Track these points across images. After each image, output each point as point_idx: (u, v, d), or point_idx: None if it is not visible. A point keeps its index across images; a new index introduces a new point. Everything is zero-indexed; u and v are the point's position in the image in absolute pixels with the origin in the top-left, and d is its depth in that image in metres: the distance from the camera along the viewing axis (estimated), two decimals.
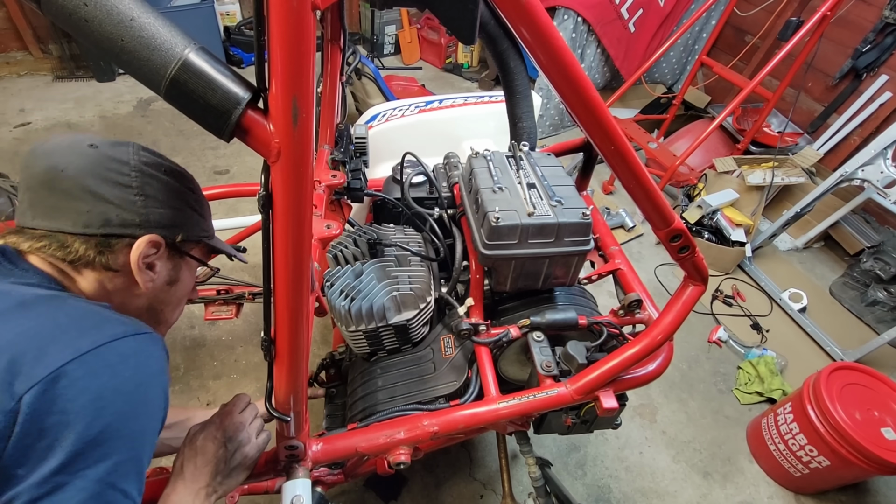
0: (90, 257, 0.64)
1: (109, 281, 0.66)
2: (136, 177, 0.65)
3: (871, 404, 1.64)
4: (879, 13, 2.69)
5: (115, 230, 0.64)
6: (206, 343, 2.04)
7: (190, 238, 0.73)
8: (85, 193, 0.62)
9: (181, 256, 0.74)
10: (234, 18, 4.07)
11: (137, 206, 0.65)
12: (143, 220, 0.66)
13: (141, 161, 0.67)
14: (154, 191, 0.67)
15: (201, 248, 0.79)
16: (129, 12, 0.43)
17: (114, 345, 0.56)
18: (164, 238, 0.68)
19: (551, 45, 0.60)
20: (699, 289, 0.95)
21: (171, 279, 0.74)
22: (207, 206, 0.80)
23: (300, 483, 0.86)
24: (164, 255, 0.70)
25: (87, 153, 0.64)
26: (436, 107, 1.83)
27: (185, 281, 0.77)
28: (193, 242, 0.76)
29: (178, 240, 0.71)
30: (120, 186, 0.64)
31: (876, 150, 2.18)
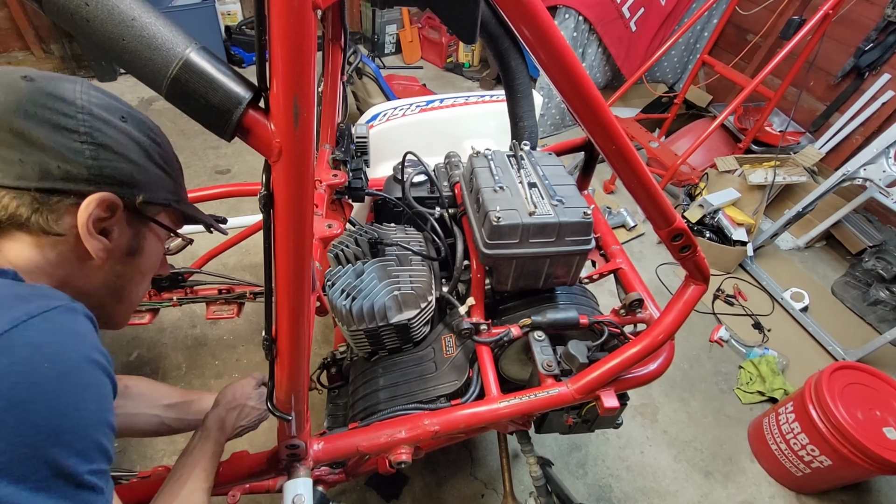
0: (23, 216, 0.51)
1: (51, 248, 0.54)
2: (83, 119, 0.53)
3: (873, 404, 1.63)
4: (882, 12, 2.68)
5: (57, 185, 0.51)
6: (207, 342, 2.05)
7: (154, 200, 0.61)
8: (16, 138, 0.50)
9: (145, 223, 0.62)
10: (235, 18, 4.08)
11: (86, 157, 0.53)
12: (92, 175, 0.53)
13: (91, 101, 0.54)
14: (108, 139, 0.55)
15: (170, 213, 0.66)
16: (130, 12, 0.43)
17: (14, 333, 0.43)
18: (121, 198, 0.56)
19: (552, 44, 0.60)
20: (700, 288, 0.95)
21: (132, 249, 0.62)
22: (178, 165, 0.68)
23: (301, 482, 0.86)
24: (123, 220, 0.58)
25: (20, 87, 0.51)
26: (437, 106, 1.83)
27: (150, 252, 0.65)
28: (159, 206, 0.63)
29: (138, 202, 0.58)
30: (62, 130, 0.52)
31: (878, 149, 2.18)
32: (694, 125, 3.29)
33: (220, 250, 1.71)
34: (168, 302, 1.63)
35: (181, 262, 2.25)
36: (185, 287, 1.64)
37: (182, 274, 1.60)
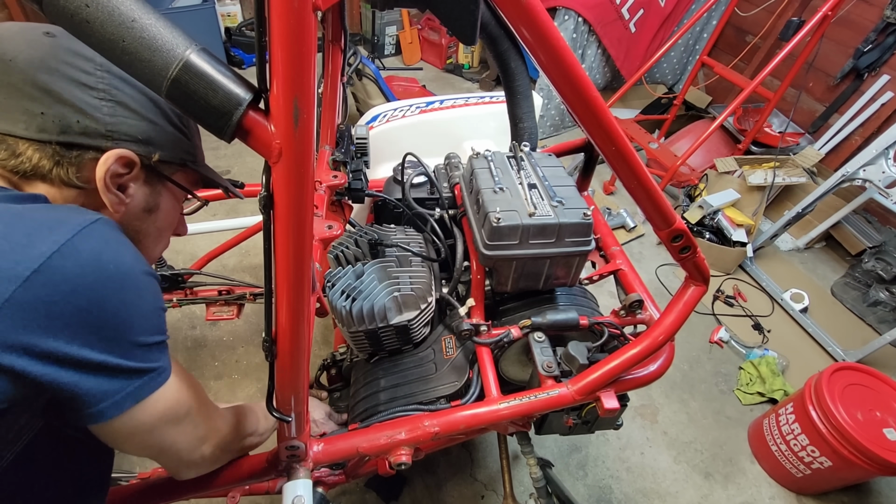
0: (45, 168, 0.54)
1: (72, 201, 0.57)
2: (102, 76, 0.55)
3: (873, 405, 1.63)
4: (881, 13, 2.69)
5: (77, 139, 0.54)
6: (207, 343, 2.04)
7: (171, 159, 0.63)
8: (38, 91, 0.52)
9: (161, 181, 0.65)
10: (234, 19, 4.08)
11: (104, 113, 0.55)
12: (110, 131, 0.56)
13: None
14: (125, 97, 0.57)
15: (187, 173, 0.69)
16: (130, 13, 0.43)
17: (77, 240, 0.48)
18: (138, 155, 0.58)
19: (552, 45, 0.60)
20: (700, 289, 0.95)
21: (149, 206, 0.64)
22: (195, 128, 0.68)
23: (301, 483, 0.86)
24: (140, 178, 0.61)
25: (42, 42, 0.53)
26: (437, 107, 1.83)
27: (167, 210, 0.68)
28: (176, 165, 0.65)
29: (154, 159, 0.61)
30: (82, 87, 0.54)
31: (877, 150, 2.18)
32: (693, 126, 3.29)
33: (219, 251, 1.71)
34: (168, 303, 1.63)
35: (181, 263, 2.25)
36: (185, 288, 1.63)
37: (182, 275, 1.60)
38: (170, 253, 2.28)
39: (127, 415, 0.54)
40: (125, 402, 0.53)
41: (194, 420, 0.67)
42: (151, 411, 0.57)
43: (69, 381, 0.48)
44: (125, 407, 0.53)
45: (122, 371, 0.52)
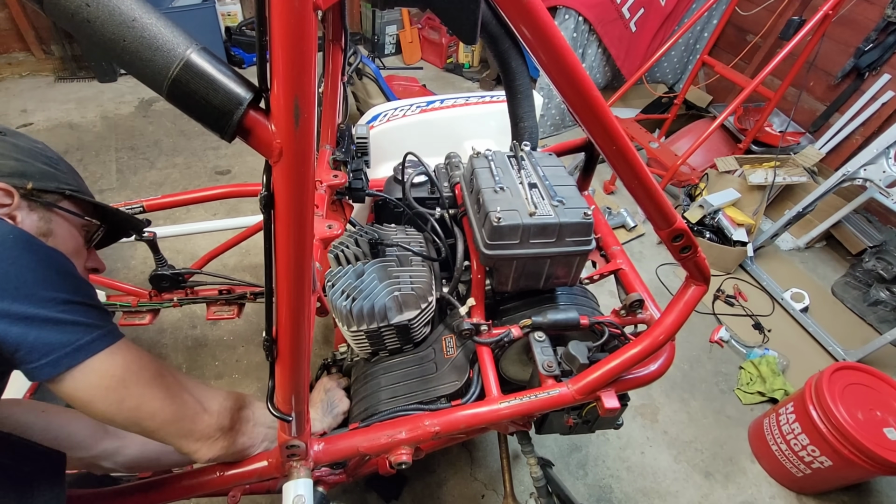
0: None
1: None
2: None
3: (874, 404, 1.63)
4: (881, 12, 2.68)
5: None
6: (207, 343, 2.05)
7: (46, 188, 0.73)
8: None
9: (47, 209, 0.74)
10: (235, 19, 4.08)
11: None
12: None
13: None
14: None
15: (73, 202, 0.79)
16: (131, 13, 0.43)
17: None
18: (14, 187, 0.69)
19: (553, 44, 0.60)
20: (701, 289, 0.95)
21: (41, 231, 0.72)
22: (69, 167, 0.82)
23: (302, 483, 0.86)
24: (24, 207, 0.70)
25: None
26: (437, 107, 1.83)
27: (62, 235, 0.76)
28: (56, 194, 0.75)
29: (29, 187, 0.71)
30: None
31: (878, 149, 2.18)
32: (694, 125, 3.29)
33: (220, 251, 1.71)
34: (168, 303, 1.63)
35: (181, 262, 2.25)
36: (186, 288, 1.63)
37: (182, 274, 1.60)
38: (170, 252, 2.28)
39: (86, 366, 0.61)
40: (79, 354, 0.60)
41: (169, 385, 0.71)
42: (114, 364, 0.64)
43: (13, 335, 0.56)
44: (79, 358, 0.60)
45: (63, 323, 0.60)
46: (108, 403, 0.64)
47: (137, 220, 0.92)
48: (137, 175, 2.85)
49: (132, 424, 0.68)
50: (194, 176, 2.91)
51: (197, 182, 2.87)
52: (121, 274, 2.26)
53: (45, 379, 0.60)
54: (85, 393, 0.62)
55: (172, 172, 2.91)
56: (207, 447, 0.78)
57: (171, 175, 2.89)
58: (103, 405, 0.64)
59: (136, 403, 0.66)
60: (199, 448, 0.77)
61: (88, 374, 0.61)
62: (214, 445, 0.79)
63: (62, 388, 0.61)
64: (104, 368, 0.63)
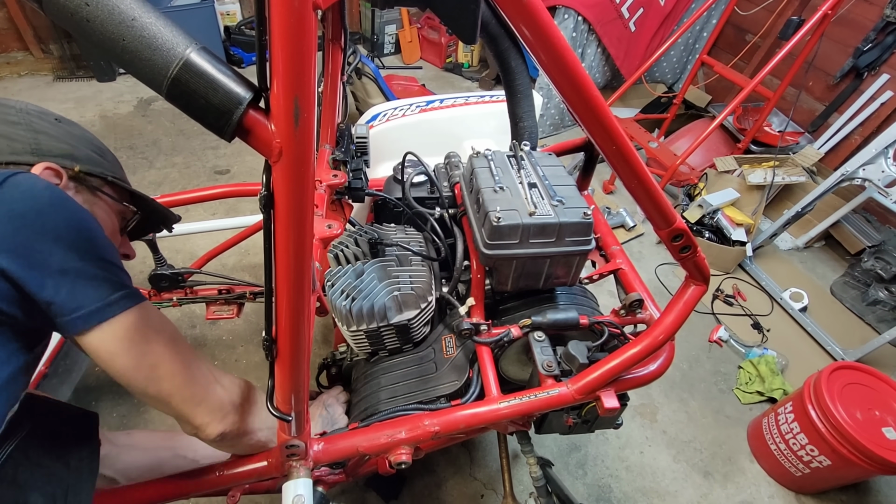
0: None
1: None
2: (22, 116, 0.72)
3: (872, 404, 1.64)
4: (880, 12, 2.69)
5: (7, 157, 0.68)
6: (206, 342, 2.04)
7: (93, 172, 0.77)
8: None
9: (92, 192, 0.77)
10: (234, 18, 4.07)
11: (27, 137, 0.71)
12: (34, 148, 0.70)
13: (28, 108, 0.74)
14: (43, 128, 0.73)
15: (114, 189, 0.82)
16: (130, 12, 0.43)
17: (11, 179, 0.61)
18: (63, 168, 0.72)
19: (552, 44, 0.60)
20: (700, 288, 0.95)
21: None
22: (115, 159, 0.85)
23: (301, 482, 0.86)
24: (71, 188, 0.73)
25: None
26: (436, 106, 1.83)
27: (101, 218, 0.79)
28: (98, 178, 0.78)
29: (76, 169, 0.74)
30: (6, 123, 0.71)
31: (877, 149, 2.18)
32: (693, 125, 3.29)
33: (219, 250, 1.71)
34: (168, 302, 1.63)
35: (180, 262, 2.25)
36: (185, 287, 1.63)
37: (182, 274, 1.60)
38: (170, 252, 2.28)
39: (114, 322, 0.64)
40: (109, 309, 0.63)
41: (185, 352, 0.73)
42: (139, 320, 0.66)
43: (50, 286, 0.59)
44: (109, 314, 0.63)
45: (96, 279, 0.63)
46: (129, 358, 0.66)
47: (170, 213, 0.94)
48: (136, 174, 2.85)
49: (150, 384, 0.69)
50: (193, 175, 2.91)
51: (196, 182, 2.86)
52: None
53: (74, 333, 0.62)
54: (110, 346, 0.64)
55: (171, 172, 2.91)
56: (218, 420, 0.77)
57: (170, 174, 2.89)
58: (124, 360, 0.66)
59: (155, 361, 0.69)
60: (211, 421, 0.76)
61: (116, 330, 0.64)
62: (225, 420, 0.78)
63: (88, 342, 0.64)
64: (130, 324, 0.65)
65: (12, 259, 0.57)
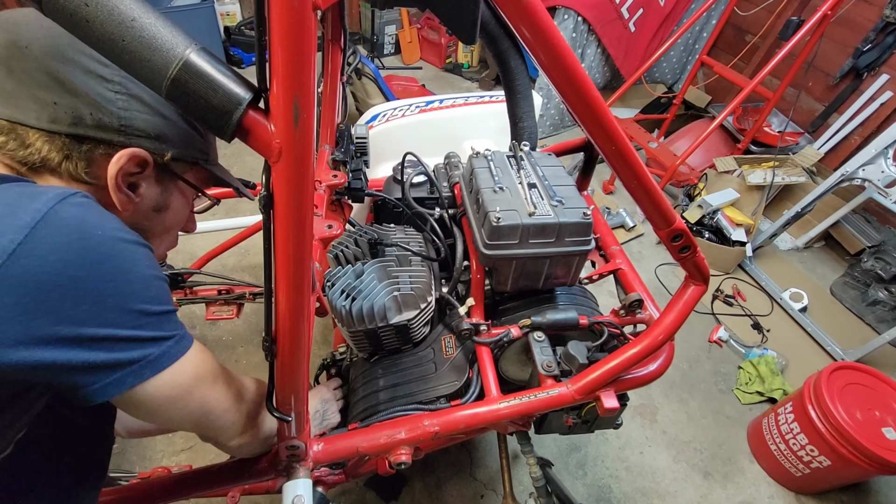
0: (54, 161, 0.53)
1: None
2: (118, 69, 0.53)
3: (872, 404, 1.64)
4: (880, 12, 2.69)
5: (88, 132, 0.53)
6: (206, 343, 2.04)
7: (183, 157, 0.62)
8: (52, 80, 0.51)
9: (172, 179, 0.63)
10: (234, 18, 4.08)
11: (118, 107, 0.54)
12: (123, 125, 0.54)
13: None
14: (140, 91, 0.56)
15: (198, 172, 0.67)
16: (130, 13, 0.43)
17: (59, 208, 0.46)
18: (150, 153, 0.57)
19: (552, 44, 0.60)
20: (700, 289, 0.95)
21: (159, 205, 0.63)
22: None
23: (301, 483, 0.86)
24: (152, 176, 0.59)
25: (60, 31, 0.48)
26: (436, 107, 1.83)
27: (177, 209, 0.67)
28: (188, 164, 0.64)
29: (167, 158, 0.59)
30: (97, 78, 0.53)
31: (876, 149, 2.18)
32: (693, 126, 3.30)
33: (219, 251, 1.71)
34: None
35: (180, 262, 2.25)
36: (185, 288, 1.63)
37: (181, 274, 1.60)
38: (170, 252, 2.28)
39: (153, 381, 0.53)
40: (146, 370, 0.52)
41: (226, 380, 0.67)
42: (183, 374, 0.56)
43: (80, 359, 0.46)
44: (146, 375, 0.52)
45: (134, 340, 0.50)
46: (170, 412, 0.58)
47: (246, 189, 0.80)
48: None
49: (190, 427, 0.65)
50: None
51: None
52: None
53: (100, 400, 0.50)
54: (148, 406, 0.55)
55: None
56: (243, 437, 0.75)
57: None
58: (165, 415, 0.58)
59: (197, 407, 0.61)
60: (240, 441, 0.74)
61: (155, 389, 0.54)
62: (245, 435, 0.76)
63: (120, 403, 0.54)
64: (172, 380, 0.55)
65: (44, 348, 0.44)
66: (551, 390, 0.99)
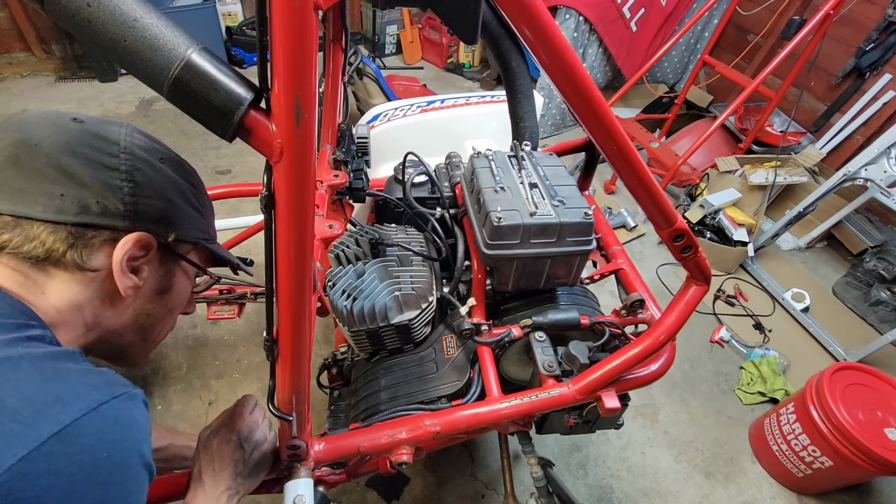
0: (59, 252, 0.52)
1: (84, 287, 0.55)
2: (125, 159, 0.56)
3: (875, 404, 1.63)
4: (883, 12, 2.68)
5: (94, 219, 0.53)
6: (208, 342, 2.05)
7: (186, 238, 0.63)
8: (60, 174, 0.52)
9: (175, 260, 0.64)
10: (235, 19, 4.08)
11: (124, 194, 0.55)
12: (128, 211, 0.55)
13: (134, 143, 0.58)
14: (146, 178, 0.57)
15: (200, 251, 0.68)
16: (131, 13, 0.43)
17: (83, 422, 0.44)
18: (155, 237, 0.58)
19: (553, 44, 0.60)
20: (702, 289, 0.95)
21: (162, 287, 0.64)
22: (210, 205, 0.70)
23: (302, 483, 0.86)
24: (156, 259, 0.60)
25: (69, 128, 0.54)
26: (437, 106, 1.83)
27: (179, 290, 0.67)
28: (190, 244, 0.65)
29: (171, 239, 0.60)
30: (104, 168, 0.54)
31: (879, 149, 2.17)
32: (695, 125, 3.29)
33: None
34: None
35: None
36: None
37: None
38: None
39: None
40: None
41: None
42: None
43: None
44: None
45: None
46: None
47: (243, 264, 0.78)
48: None
49: None
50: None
51: None
52: None
53: None
54: None
55: None
56: None
57: None
58: None
59: None
60: None
61: None
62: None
63: None
64: None
65: None
66: (552, 390, 0.99)
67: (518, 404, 0.98)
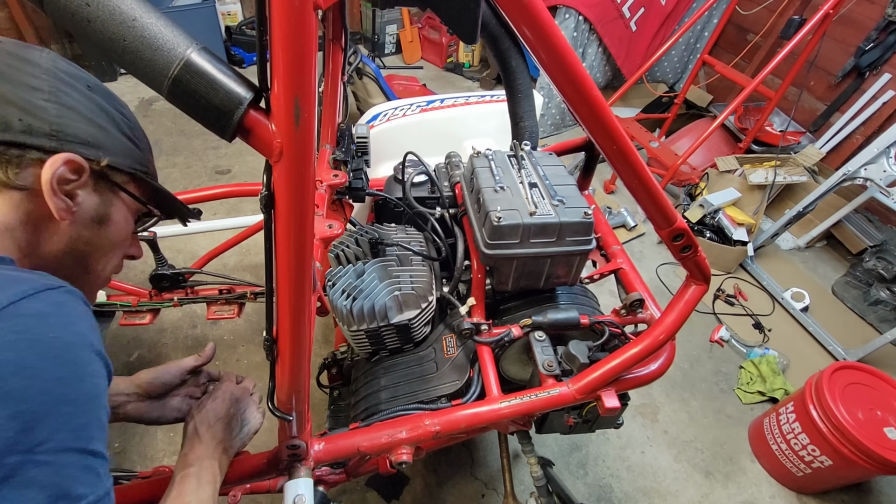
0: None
1: (16, 206, 0.54)
2: (47, 80, 0.55)
3: (874, 404, 1.63)
4: (882, 11, 2.68)
5: (18, 137, 0.52)
6: (207, 342, 2.04)
7: (121, 167, 0.61)
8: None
9: (112, 190, 0.62)
10: (235, 18, 4.08)
11: (49, 113, 0.54)
12: (55, 130, 0.54)
13: (57, 67, 0.57)
14: (73, 101, 0.56)
15: (139, 186, 0.66)
16: (131, 12, 0.43)
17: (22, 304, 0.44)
18: (86, 160, 0.56)
19: (553, 44, 0.60)
20: (701, 288, 0.95)
21: (99, 216, 0.61)
22: (147, 143, 0.68)
23: (302, 482, 0.86)
24: (89, 185, 0.58)
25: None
26: (437, 106, 1.83)
27: (118, 222, 0.64)
28: (127, 175, 0.63)
29: (103, 164, 0.58)
30: (28, 88, 0.53)
31: (878, 148, 2.18)
32: (694, 125, 3.29)
33: (220, 250, 1.71)
34: (169, 302, 1.63)
35: (181, 262, 2.25)
36: (186, 287, 1.64)
37: (182, 274, 1.60)
38: (171, 252, 2.28)
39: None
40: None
41: None
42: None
43: None
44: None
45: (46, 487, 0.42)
46: None
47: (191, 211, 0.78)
48: None
49: None
50: (194, 175, 2.91)
51: (197, 182, 2.87)
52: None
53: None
54: None
55: (172, 172, 2.91)
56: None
57: (171, 174, 2.89)
58: None
59: None
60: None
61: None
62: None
63: None
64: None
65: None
66: (552, 390, 0.99)
67: (518, 404, 0.98)
